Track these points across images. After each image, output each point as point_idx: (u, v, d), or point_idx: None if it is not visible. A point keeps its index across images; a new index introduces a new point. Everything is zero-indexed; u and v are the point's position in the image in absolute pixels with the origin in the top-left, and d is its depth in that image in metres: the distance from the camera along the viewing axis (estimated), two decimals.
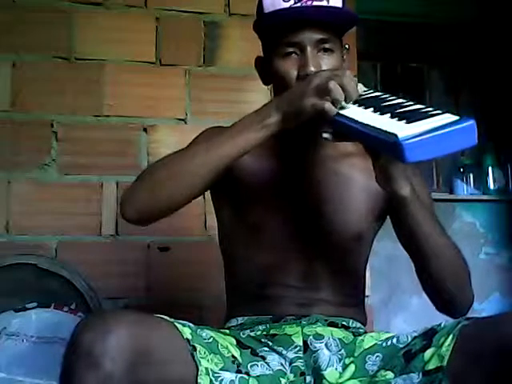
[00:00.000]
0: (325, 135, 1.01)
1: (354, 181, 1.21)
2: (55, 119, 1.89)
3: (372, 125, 0.91)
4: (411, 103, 0.96)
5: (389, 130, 0.87)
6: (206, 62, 2.02)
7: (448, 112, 0.89)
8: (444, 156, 0.88)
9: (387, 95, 1.01)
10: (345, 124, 0.96)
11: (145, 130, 1.95)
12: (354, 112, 0.97)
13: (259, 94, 1.96)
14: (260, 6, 1.16)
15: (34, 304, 1.55)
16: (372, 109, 0.95)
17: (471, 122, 0.87)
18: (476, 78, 3.44)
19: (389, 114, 0.92)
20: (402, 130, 0.86)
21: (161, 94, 1.97)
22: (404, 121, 0.88)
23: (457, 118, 0.88)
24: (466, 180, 3.37)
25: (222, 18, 2.04)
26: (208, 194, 1.26)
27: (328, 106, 0.96)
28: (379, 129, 0.89)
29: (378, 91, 1.03)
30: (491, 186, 3.36)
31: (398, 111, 0.92)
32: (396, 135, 0.85)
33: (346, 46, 1.19)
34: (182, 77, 1.99)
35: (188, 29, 2.01)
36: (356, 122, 0.94)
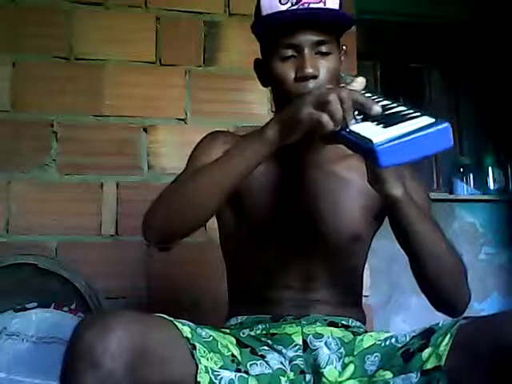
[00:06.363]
0: None
1: (351, 182, 1.21)
2: (55, 119, 1.90)
3: (352, 130, 0.92)
4: (394, 105, 0.96)
5: (366, 135, 0.89)
6: (206, 62, 2.02)
7: (426, 114, 0.90)
8: (420, 159, 0.89)
9: (374, 96, 1.01)
10: None
11: (145, 129, 1.95)
12: None
13: (259, 94, 1.97)
14: (258, 8, 1.16)
15: (34, 304, 1.56)
16: (356, 112, 0.95)
17: (445, 125, 0.87)
18: (476, 78, 3.44)
19: (370, 119, 0.93)
20: (378, 135, 0.87)
21: (161, 94, 1.97)
22: (382, 125, 0.90)
23: (433, 120, 0.88)
24: (466, 180, 3.37)
25: (222, 18, 2.05)
26: None
27: (326, 118, 0.94)
28: (358, 134, 0.91)
29: (367, 91, 1.03)
30: (491, 186, 3.36)
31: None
32: (371, 140, 0.86)
33: (343, 48, 1.19)
34: (182, 77, 1.99)
35: (188, 29, 2.02)
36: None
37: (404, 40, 3.42)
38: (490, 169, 3.37)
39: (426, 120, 0.88)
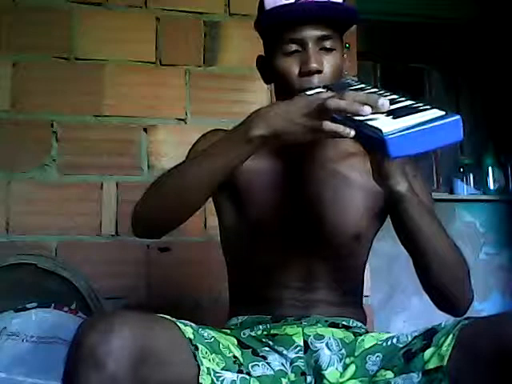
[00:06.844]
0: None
1: (353, 181, 1.21)
2: (55, 119, 1.89)
3: (361, 120, 0.91)
4: (402, 99, 0.95)
5: (375, 125, 0.88)
6: (206, 62, 2.02)
7: (436, 107, 0.89)
8: (430, 151, 0.88)
9: (381, 91, 1.00)
10: (337, 119, 0.96)
11: (145, 130, 1.95)
12: None
13: (259, 94, 1.96)
14: (261, 3, 1.15)
15: (34, 304, 1.55)
16: (368, 108, 0.94)
17: (456, 118, 0.87)
18: (476, 78, 3.44)
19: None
20: (388, 125, 0.86)
21: (161, 94, 1.97)
22: (391, 116, 0.88)
23: (443, 113, 0.88)
24: (466, 180, 3.38)
25: (221, 18, 2.05)
26: None
27: (343, 128, 0.91)
28: (367, 124, 0.89)
29: (373, 86, 1.03)
30: (491, 186, 3.37)
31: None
32: (381, 130, 0.85)
33: (347, 45, 1.19)
34: (182, 77, 1.99)
35: (188, 29, 2.01)
36: (347, 117, 0.93)
37: (404, 40, 3.43)
38: (489, 169, 3.38)
39: (437, 112, 0.88)
